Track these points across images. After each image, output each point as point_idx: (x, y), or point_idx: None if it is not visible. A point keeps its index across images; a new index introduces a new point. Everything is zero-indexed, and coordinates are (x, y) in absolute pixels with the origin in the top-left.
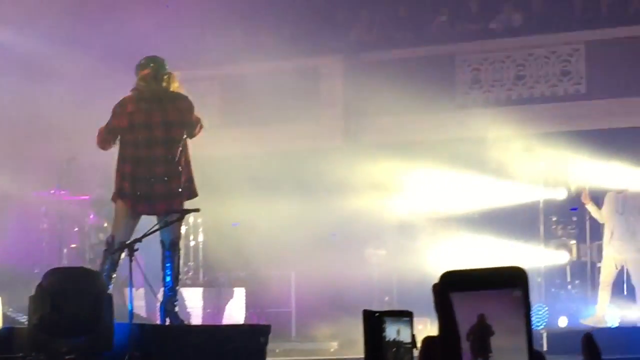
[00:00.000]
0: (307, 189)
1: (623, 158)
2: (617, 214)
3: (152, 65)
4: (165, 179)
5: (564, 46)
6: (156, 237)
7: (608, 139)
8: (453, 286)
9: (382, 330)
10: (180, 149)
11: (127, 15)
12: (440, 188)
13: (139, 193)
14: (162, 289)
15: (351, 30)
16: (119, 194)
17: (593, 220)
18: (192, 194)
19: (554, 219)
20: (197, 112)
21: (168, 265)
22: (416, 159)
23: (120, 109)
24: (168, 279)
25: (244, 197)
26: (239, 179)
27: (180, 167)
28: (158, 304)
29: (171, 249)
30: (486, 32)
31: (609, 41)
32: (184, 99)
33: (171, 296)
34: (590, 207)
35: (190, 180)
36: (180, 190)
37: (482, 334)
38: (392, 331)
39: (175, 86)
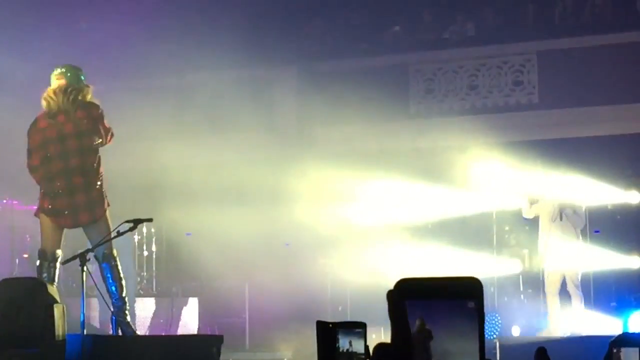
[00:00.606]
0: (260, 198)
1: (575, 168)
2: (551, 222)
3: (65, 76)
4: (85, 188)
5: (516, 56)
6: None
7: (561, 148)
8: (408, 294)
9: (336, 340)
10: (96, 158)
11: (79, 24)
12: (394, 197)
13: (59, 208)
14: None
15: (304, 40)
16: (42, 211)
17: None
18: (107, 203)
19: (507, 228)
20: (149, 122)
21: (108, 276)
22: (370, 168)
23: (33, 128)
24: (113, 289)
25: (197, 207)
26: (192, 188)
27: (98, 176)
28: (110, 314)
29: (105, 261)
30: (439, 42)
31: (561, 51)
32: (95, 106)
33: (121, 306)
34: (524, 203)
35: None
36: (102, 198)
37: (422, 338)
38: (345, 342)
39: (87, 98)
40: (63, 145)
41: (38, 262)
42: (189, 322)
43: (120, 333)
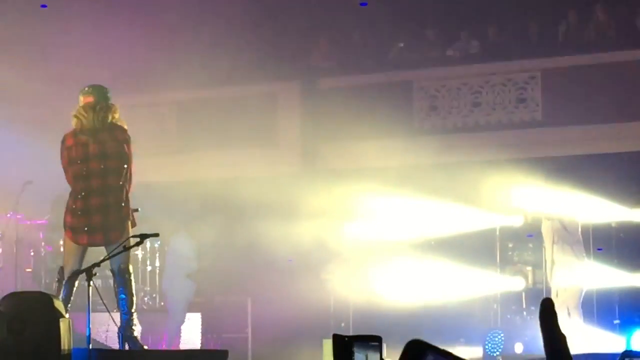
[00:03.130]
0: (264, 214)
1: (578, 186)
2: (551, 243)
3: (94, 94)
4: (104, 209)
5: (520, 73)
6: None
7: (564, 166)
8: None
9: (351, 353)
10: (121, 179)
11: (84, 39)
12: (397, 214)
13: (78, 226)
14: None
15: (309, 56)
16: (65, 227)
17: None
18: (133, 223)
19: (510, 245)
20: (154, 137)
21: (121, 290)
22: (373, 184)
23: (62, 146)
24: (123, 304)
25: (200, 222)
26: (196, 203)
27: (122, 196)
28: (117, 329)
29: (120, 275)
30: (443, 59)
31: (565, 69)
32: (122, 129)
33: (128, 321)
34: None
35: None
36: (125, 219)
37: None
38: (361, 356)
39: (115, 117)
40: (87, 165)
41: (56, 279)
42: (191, 337)
43: (126, 348)
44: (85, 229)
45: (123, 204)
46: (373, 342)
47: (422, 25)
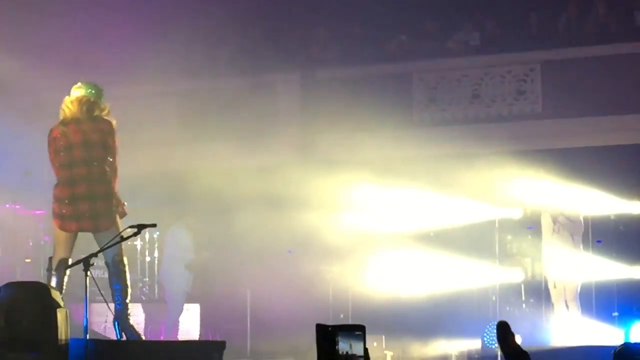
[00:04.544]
0: (263, 204)
1: (578, 178)
2: (551, 234)
3: (83, 89)
4: (90, 197)
5: (520, 66)
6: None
7: (564, 158)
8: None
9: (335, 343)
10: (106, 168)
11: (83, 30)
12: (397, 205)
13: (66, 214)
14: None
15: (308, 47)
16: (54, 216)
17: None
18: (122, 213)
19: (509, 237)
20: (153, 128)
21: (115, 281)
22: (372, 176)
23: (49, 138)
24: (117, 295)
25: (199, 213)
26: (195, 194)
27: (109, 186)
28: (112, 319)
29: (115, 266)
30: (443, 51)
31: (565, 61)
32: (106, 122)
33: (123, 310)
34: None
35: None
36: (112, 209)
37: None
38: (345, 345)
39: (103, 113)
40: (70, 153)
41: (46, 269)
42: (190, 328)
43: (124, 337)
44: (74, 216)
45: (110, 193)
46: (357, 331)
47: (421, 17)
